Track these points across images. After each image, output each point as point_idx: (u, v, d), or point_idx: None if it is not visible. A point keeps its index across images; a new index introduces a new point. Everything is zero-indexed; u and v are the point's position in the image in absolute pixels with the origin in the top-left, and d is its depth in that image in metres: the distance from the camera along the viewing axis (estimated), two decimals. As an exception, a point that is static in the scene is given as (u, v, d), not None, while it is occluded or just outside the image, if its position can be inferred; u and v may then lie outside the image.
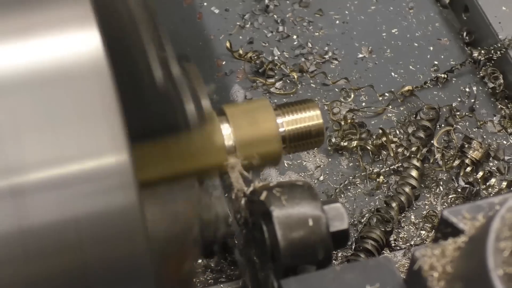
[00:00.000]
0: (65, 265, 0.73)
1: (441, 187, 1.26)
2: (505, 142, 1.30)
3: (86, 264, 0.73)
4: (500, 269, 0.69)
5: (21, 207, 0.71)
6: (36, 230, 0.72)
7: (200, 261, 1.16)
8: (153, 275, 0.76)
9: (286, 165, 1.25)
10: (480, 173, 1.25)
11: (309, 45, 1.39)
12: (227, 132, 0.91)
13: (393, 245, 1.20)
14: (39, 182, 0.72)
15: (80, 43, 0.74)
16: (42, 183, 0.72)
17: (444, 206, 1.23)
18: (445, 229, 0.80)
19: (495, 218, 0.72)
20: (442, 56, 1.39)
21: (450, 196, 1.25)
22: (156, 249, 0.76)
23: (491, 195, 1.23)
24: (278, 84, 1.34)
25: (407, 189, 1.23)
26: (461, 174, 1.25)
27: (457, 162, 1.26)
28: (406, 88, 1.34)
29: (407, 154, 1.26)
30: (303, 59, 1.37)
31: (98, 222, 0.73)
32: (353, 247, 1.19)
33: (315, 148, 1.24)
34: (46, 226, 0.72)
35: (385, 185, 1.25)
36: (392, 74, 1.37)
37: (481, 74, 1.36)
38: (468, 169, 1.25)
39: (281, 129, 0.94)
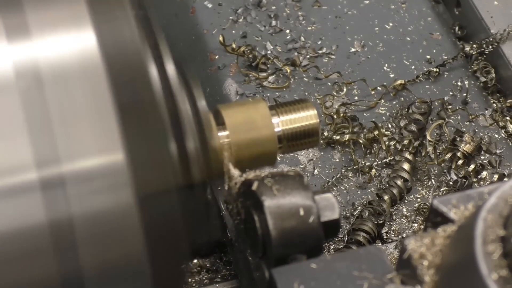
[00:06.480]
0: (60, 265, 0.73)
1: (433, 180, 1.26)
2: (496, 135, 1.31)
3: (82, 263, 0.73)
4: (494, 273, 0.69)
5: (14, 207, 0.71)
6: (30, 230, 0.72)
7: (195, 261, 1.16)
8: (150, 274, 0.76)
9: (278, 158, 1.25)
10: (472, 166, 1.26)
11: (302, 39, 1.39)
12: (222, 132, 0.91)
13: (385, 237, 1.21)
14: (33, 182, 0.72)
15: (75, 42, 0.74)
16: (36, 182, 0.72)
17: (436, 199, 1.24)
18: (435, 219, 0.81)
19: (477, 221, 0.72)
20: (434, 51, 1.40)
21: (442, 189, 1.25)
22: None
23: (483, 188, 1.24)
24: (271, 78, 1.34)
25: (399, 182, 1.23)
26: (453, 167, 1.26)
27: (449, 155, 1.26)
28: (398, 82, 1.34)
29: (399, 148, 1.27)
30: (296, 53, 1.37)
31: (94, 221, 0.73)
32: (345, 239, 1.19)
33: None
34: (41, 226, 0.72)
35: (377, 178, 1.26)
36: (385, 68, 1.37)
37: (473, 68, 1.37)
38: (460, 162, 1.26)
39: (277, 129, 0.94)
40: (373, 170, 1.26)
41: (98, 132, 0.73)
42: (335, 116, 1.30)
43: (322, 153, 1.28)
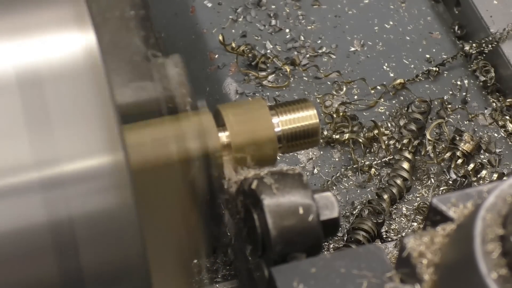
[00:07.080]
0: (60, 265, 0.73)
1: (432, 179, 1.26)
2: (496, 134, 1.31)
3: (82, 263, 0.73)
4: (493, 272, 0.70)
5: (14, 207, 0.71)
6: (30, 230, 0.72)
7: (195, 261, 1.16)
8: (150, 274, 0.76)
9: (278, 157, 1.25)
10: (471, 165, 1.26)
11: (302, 38, 1.39)
12: (222, 133, 0.91)
13: (384, 236, 1.21)
14: (33, 182, 0.72)
15: (75, 42, 0.74)
16: (36, 182, 0.72)
17: (436, 198, 1.24)
18: (434, 217, 0.81)
19: (476, 220, 0.72)
20: (434, 50, 1.40)
21: (441, 188, 1.25)
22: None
23: (482, 186, 1.24)
24: (270, 77, 1.35)
25: (398, 181, 1.23)
26: (452, 166, 1.26)
27: (448, 154, 1.27)
28: (398, 81, 1.34)
29: (399, 147, 1.27)
30: (295, 53, 1.38)
31: (93, 222, 0.73)
32: (345, 238, 1.19)
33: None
34: (40, 226, 0.72)
35: (376, 177, 1.26)
36: (384, 67, 1.37)
37: (472, 68, 1.37)
38: (459, 161, 1.26)
39: (277, 129, 0.94)
40: (373, 169, 1.26)
41: (98, 132, 0.73)
42: (334, 115, 1.30)
43: (321, 152, 1.28)
